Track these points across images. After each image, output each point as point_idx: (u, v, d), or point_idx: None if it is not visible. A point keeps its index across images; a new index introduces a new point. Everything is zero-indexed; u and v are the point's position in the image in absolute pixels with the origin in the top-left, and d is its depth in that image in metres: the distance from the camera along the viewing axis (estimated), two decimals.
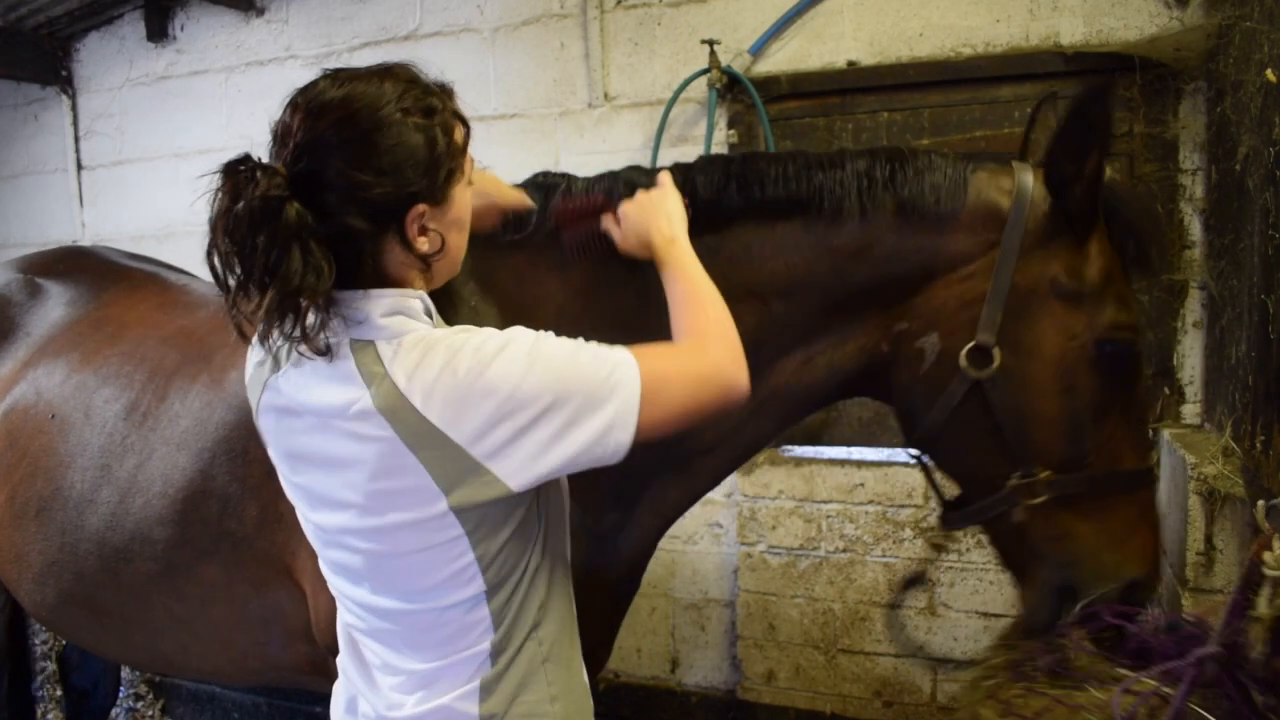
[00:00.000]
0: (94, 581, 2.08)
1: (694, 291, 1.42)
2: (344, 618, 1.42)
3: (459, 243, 1.33)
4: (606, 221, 1.65)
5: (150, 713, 4.23)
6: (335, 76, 1.24)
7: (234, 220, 1.14)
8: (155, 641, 2.12)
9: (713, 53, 3.24)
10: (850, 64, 3.19)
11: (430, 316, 1.30)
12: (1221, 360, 2.54)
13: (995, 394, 1.56)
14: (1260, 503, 1.51)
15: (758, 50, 3.27)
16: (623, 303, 1.70)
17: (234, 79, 4.23)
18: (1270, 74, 1.94)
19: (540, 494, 1.31)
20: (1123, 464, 1.59)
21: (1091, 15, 2.90)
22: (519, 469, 1.19)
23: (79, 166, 4.62)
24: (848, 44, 3.20)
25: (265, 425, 1.35)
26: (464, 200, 1.31)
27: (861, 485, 3.26)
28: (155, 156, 4.43)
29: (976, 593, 3.15)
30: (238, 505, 1.90)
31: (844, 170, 1.65)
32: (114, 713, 3.87)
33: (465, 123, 1.31)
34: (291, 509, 1.84)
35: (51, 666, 3.73)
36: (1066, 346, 1.57)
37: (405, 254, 1.24)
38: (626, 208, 1.60)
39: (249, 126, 4.20)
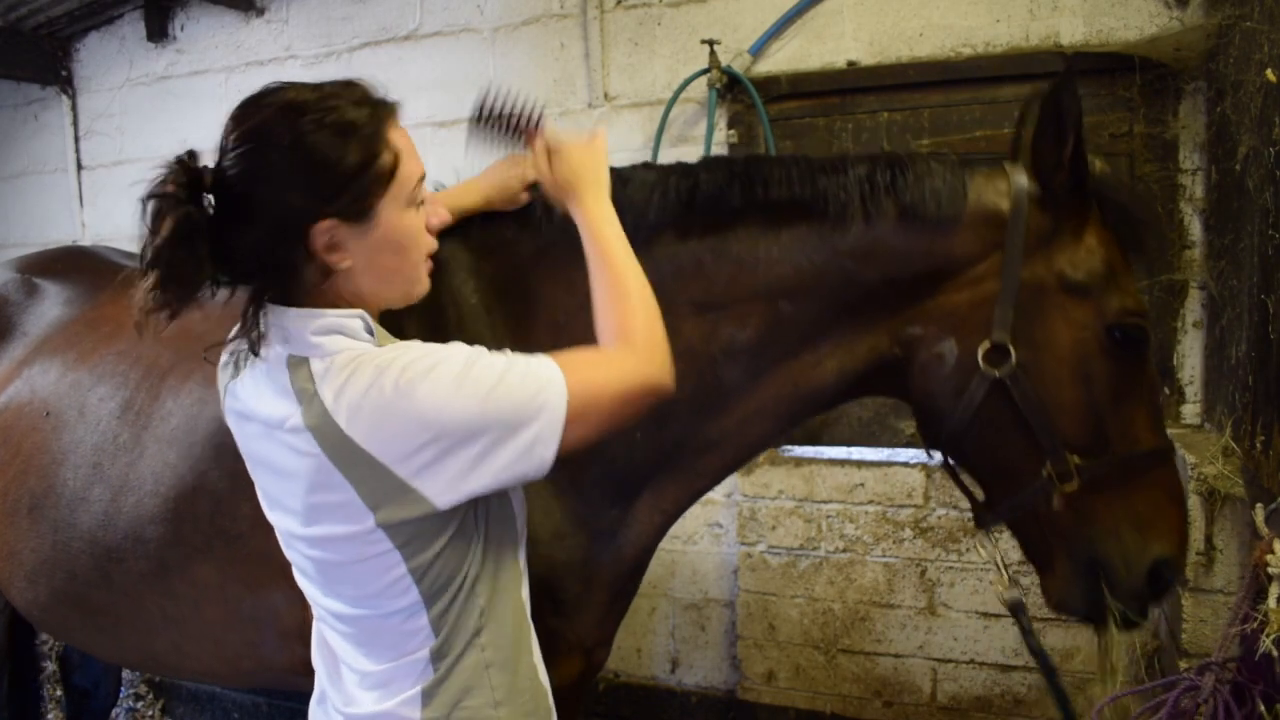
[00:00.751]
0: (86, 580, 2.08)
1: (618, 276, 1.40)
2: (315, 614, 1.45)
3: (395, 265, 1.30)
4: (534, 146, 1.58)
5: (150, 713, 4.23)
6: (275, 86, 1.26)
7: (145, 210, 1.20)
8: (148, 641, 2.11)
9: (713, 53, 3.23)
10: (850, 64, 3.19)
11: (372, 335, 1.30)
12: (1221, 360, 2.54)
13: (1016, 389, 1.60)
14: (1259, 506, 1.51)
15: (758, 50, 3.27)
16: None
17: (234, 79, 4.23)
18: (1270, 74, 1.94)
19: (479, 505, 1.32)
20: (1141, 444, 1.63)
21: (1091, 15, 2.90)
22: (445, 489, 1.21)
23: (79, 166, 4.62)
24: (848, 44, 3.19)
25: (230, 425, 1.39)
26: (397, 223, 1.27)
27: (861, 485, 3.26)
28: (155, 156, 4.34)
29: (976, 593, 3.15)
30: (230, 504, 1.90)
31: (846, 175, 1.67)
32: (114, 713, 3.86)
33: (394, 147, 1.26)
34: None
35: (52, 666, 3.72)
36: (1079, 337, 1.62)
37: (320, 271, 1.25)
38: (566, 151, 1.53)
39: None
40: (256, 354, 1.27)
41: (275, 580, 1.87)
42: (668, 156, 3.32)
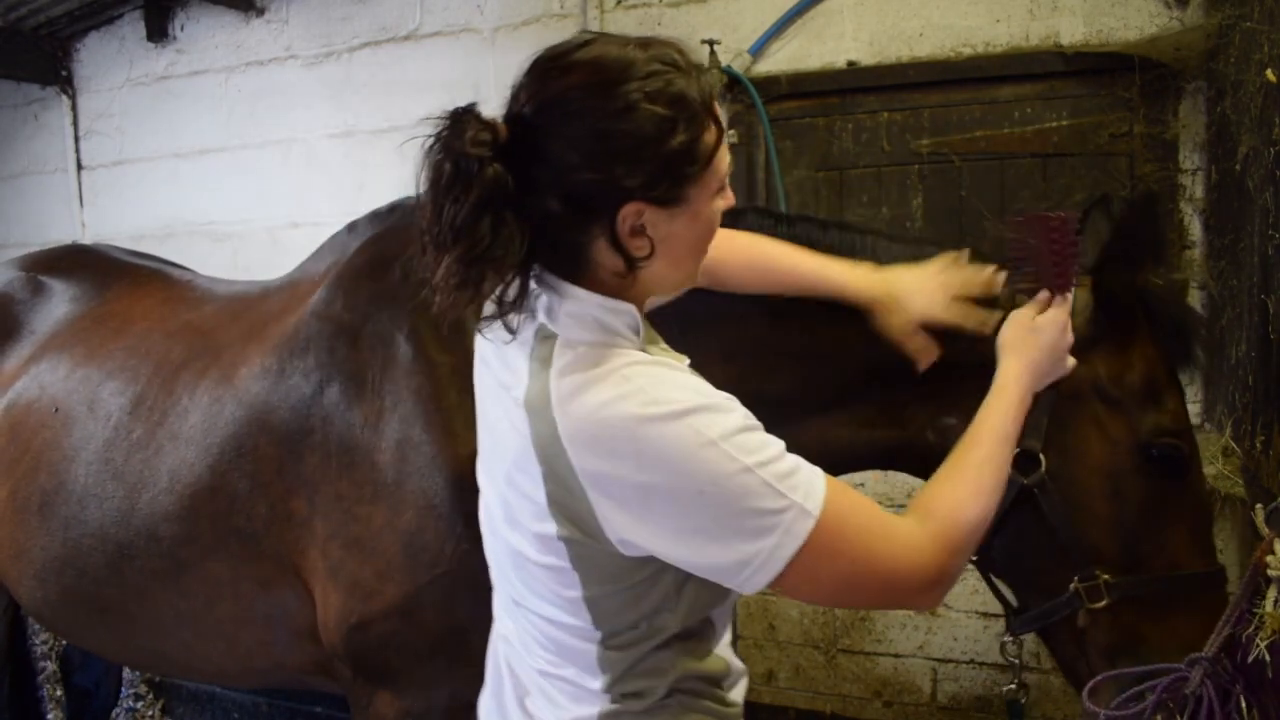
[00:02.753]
0: (97, 578, 2.08)
1: (973, 461, 1.24)
2: (494, 587, 1.35)
3: (687, 254, 1.16)
4: (1052, 295, 1.45)
5: (150, 713, 4.23)
6: (586, 38, 1.10)
7: (434, 171, 1.04)
8: (158, 640, 2.11)
9: (713, 53, 3.23)
10: (850, 64, 3.19)
11: (638, 335, 1.15)
12: (1221, 360, 2.54)
13: (1045, 499, 1.55)
14: (1258, 506, 1.51)
15: (758, 50, 3.27)
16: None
17: (234, 79, 4.23)
18: (1270, 74, 1.94)
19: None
20: (1184, 567, 1.55)
21: (1091, 15, 2.91)
22: (626, 538, 1.07)
23: (79, 166, 4.61)
24: (848, 44, 3.19)
25: (475, 368, 1.30)
26: (704, 211, 1.12)
27: (861, 485, 3.25)
28: (155, 156, 4.43)
29: (976, 593, 3.15)
30: (247, 502, 1.90)
31: (878, 255, 1.67)
32: (114, 713, 3.86)
33: (720, 124, 1.11)
34: (301, 507, 1.86)
35: (52, 666, 3.72)
36: (1110, 451, 1.56)
37: (613, 254, 1.09)
38: (1041, 317, 1.43)
39: (248, 126, 4.19)
40: (513, 332, 1.13)
41: (288, 579, 1.88)
42: None
